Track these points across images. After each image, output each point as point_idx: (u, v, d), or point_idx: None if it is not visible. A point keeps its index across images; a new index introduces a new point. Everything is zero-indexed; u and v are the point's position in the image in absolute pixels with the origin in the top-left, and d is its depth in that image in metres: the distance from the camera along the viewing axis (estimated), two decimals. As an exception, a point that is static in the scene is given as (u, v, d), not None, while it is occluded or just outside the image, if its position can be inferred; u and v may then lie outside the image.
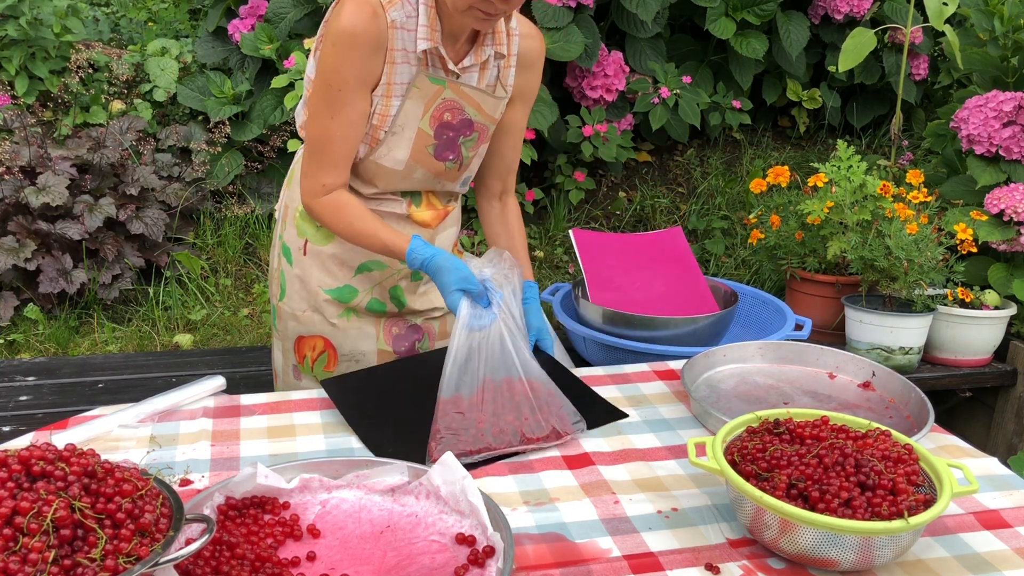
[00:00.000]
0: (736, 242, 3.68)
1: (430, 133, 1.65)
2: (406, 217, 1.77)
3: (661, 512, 1.26)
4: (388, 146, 1.65)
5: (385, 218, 1.74)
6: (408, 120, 1.62)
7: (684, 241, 2.57)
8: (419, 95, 1.60)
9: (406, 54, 1.56)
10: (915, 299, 2.42)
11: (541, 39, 1.73)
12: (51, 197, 3.08)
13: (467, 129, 1.69)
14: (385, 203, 1.74)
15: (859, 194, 2.51)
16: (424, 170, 1.70)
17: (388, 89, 1.59)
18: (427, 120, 1.64)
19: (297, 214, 1.79)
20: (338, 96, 1.56)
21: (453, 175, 1.75)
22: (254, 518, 1.17)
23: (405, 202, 1.75)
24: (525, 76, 1.72)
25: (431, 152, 1.68)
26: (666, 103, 3.67)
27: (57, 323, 3.12)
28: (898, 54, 4.00)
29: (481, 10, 1.47)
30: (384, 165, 1.67)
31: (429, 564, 1.11)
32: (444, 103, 1.63)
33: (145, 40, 4.24)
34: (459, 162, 1.73)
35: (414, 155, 1.67)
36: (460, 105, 1.65)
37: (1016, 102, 2.74)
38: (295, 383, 1.87)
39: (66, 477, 0.95)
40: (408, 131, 1.63)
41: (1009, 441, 2.76)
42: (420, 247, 1.56)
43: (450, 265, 1.49)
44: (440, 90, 1.61)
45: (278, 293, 1.85)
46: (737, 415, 1.32)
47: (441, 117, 1.64)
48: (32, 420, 2.15)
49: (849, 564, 1.10)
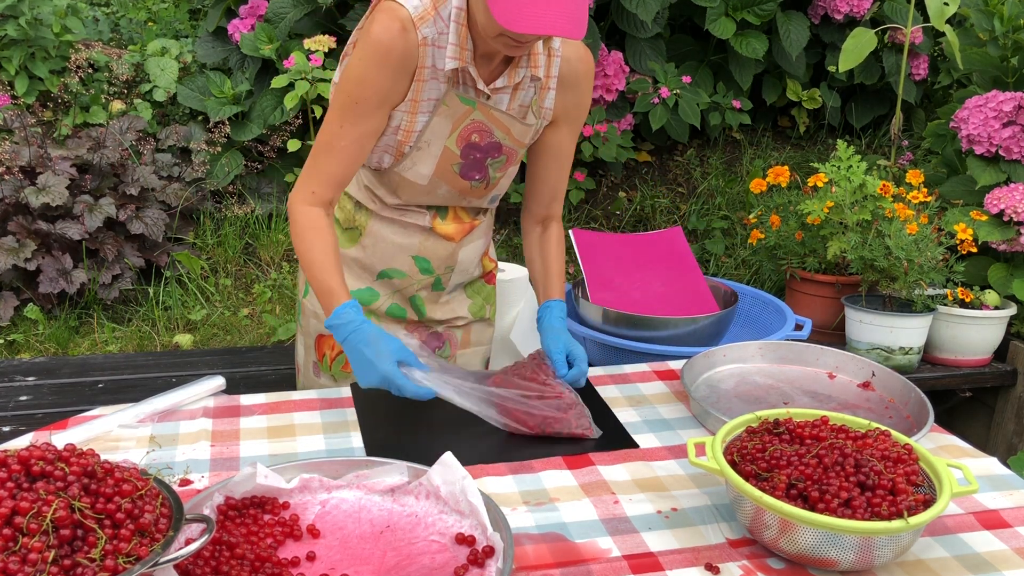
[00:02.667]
0: (736, 242, 3.68)
1: (456, 152, 1.63)
2: (429, 229, 1.75)
3: (661, 512, 1.26)
4: (412, 160, 1.63)
5: (408, 229, 1.74)
6: (435, 137, 1.60)
7: (684, 241, 2.57)
8: (448, 113, 1.57)
9: (435, 71, 1.53)
10: (915, 299, 2.42)
11: (589, 60, 1.66)
12: (51, 197, 3.08)
13: (495, 152, 1.66)
14: (409, 214, 1.73)
15: (859, 194, 2.51)
16: (448, 187, 1.68)
17: (414, 105, 1.56)
18: (454, 139, 1.61)
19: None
20: (354, 108, 1.53)
21: (480, 193, 1.73)
22: (254, 518, 1.17)
23: (429, 215, 1.74)
24: (568, 96, 1.65)
25: (456, 171, 1.66)
26: (666, 103, 3.67)
27: (57, 323, 3.12)
28: (898, 54, 4.00)
29: (511, 38, 1.43)
30: (407, 178, 1.66)
31: (429, 564, 1.11)
32: (472, 124, 1.61)
33: (145, 40, 4.25)
34: (486, 182, 1.70)
35: (438, 172, 1.65)
36: (489, 128, 1.62)
37: (1016, 102, 2.74)
38: (315, 380, 1.87)
39: (66, 477, 0.95)
40: (434, 148, 1.61)
41: (1009, 441, 2.76)
42: (353, 310, 1.49)
43: (385, 336, 1.47)
44: (469, 111, 1.59)
45: (303, 289, 1.85)
46: (737, 415, 1.32)
47: (469, 138, 1.62)
48: (32, 420, 2.15)
49: (849, 564, 1.10)
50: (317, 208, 1.57)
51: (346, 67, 1.55)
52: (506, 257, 3.62)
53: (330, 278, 1.53)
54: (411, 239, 1.75)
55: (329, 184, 1.57)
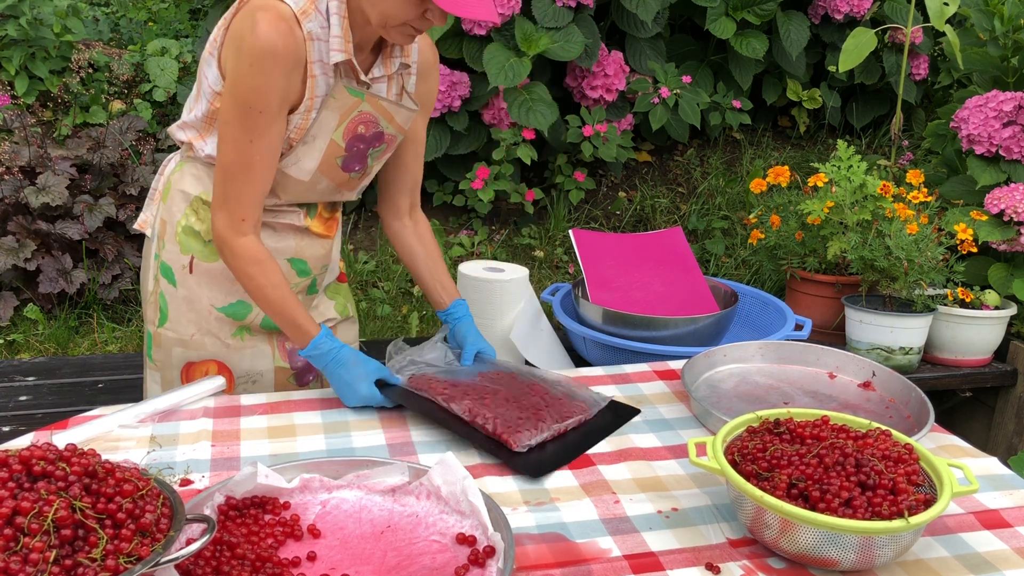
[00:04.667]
0: (736, 242, 3.68)
1: (342, 145, 1.60)
2: (304, 229, 1.71)
3: (661, 512, 1.26)
4: (297, 155, 1.58)
5: (281, 232, 1.69)
6: (321, 131, 1.56)
7: (684, 241, 2.57)
8: (335, 106, 1.54)
9: (323, 66, 1.51)
10: (915, 299, 2.42)
11: (433, 47, 1.71)
12: (51, 197, 3.08)
13: (377, 141, 1.65)
14: (283, 215, 1.69)
15: (859, 194, 2.51)
16: (329, 181, 1.65)
17: (311, 103, 1.53)
18: (340, 132, 1.58)
19: (179, 230, 1.68)
20: (259, 119, 1.47)
21: (353, 184, 1.71)
22: (254, 518, 1.17)
23: (302, 213, 1.70)
24: (424, 84, 1.70)
25: (339, 164, 1.63)
26: (666, 103, 3.67)
27: (57, 323, 3.12)
28: (898, 54, 4.00)
29: (414, 27, 1.45)
30: (289, 174, 1.60)
31: (430, 564, 1.11)
32: (360, 116, 1.58)
33: (145, 40, 4.25)
34: (363, 172, 1.69)
35: (322, 166, 1.61)
36: (375, 118, 1.61)
37: (1016, 102, 2.74)
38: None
39: (67, 477, 0.95)
40: (320, 142, 1.58)
41: (1009, 441, 2.76)
42: (328, 339, 1.53)
43: (360, 358, 1.52)
44: (358, 103, 1.56)
45: (156, 319, 1.73)
46: (737, 415, 1.32)
47: (355, 130, 1.60)
48: (32, 420, 2.15)
49: (849, 564, 1.10)
50: (250, 236, 1.55)
51: (237, 78, 1.47)
52: (506, 257, 3.62)
53: (293, 312, 1.55)
54: (285, 242, 1.70)
55: (255, 206, 1.55)
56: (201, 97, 1.62)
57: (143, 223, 1.79)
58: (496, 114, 3.53)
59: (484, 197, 3.51)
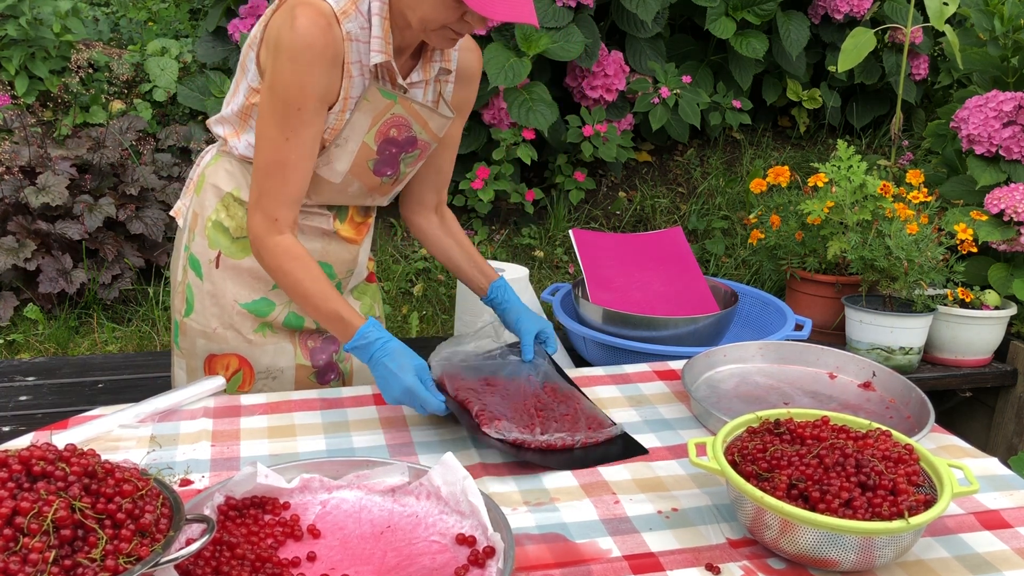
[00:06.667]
0: (736, 242, 3.68)
1: (373, 148, 1.59)
2: (332, 233, 1.71)
3: (661, 512, 1.26)
4: (329, 156, 1.58)
5: (309, 234, 1.68)
6: (353, 133, 1.56)
7: (684, 241, 2.57)
8: (368, 108, 1.54)
9: (361, 67, 1.51)
10: (915, 299, 2.42)
11: (479, 52, 1.69)
12: (51, 197, 3.08)
13: (410, 146, 1.64)
14: (312, 217, 1.68)
15: (859, 194, 2.51)
16: (360, 184, 1.64)
17: (345, 104, 1.52)
18: (372, 134, 1.57)
19: (209, 224, 1.69)
20: (296, 116, 1.47)
21: (386, 189, 1.70)
22: (254, 518, 1.17)
23: (331, 216, 1.70)
24: (464, 90, 1.69)
25: (371, 167, 1.62)
26: (666, 103, 3.67)
27: (57, 323, 3.12)
28: (898, 54, 4.00)
29: (454, 30, 1.44)
30: (321, 176, 1.60)
31: (429, 564, 1.11)
32: (392, 119, 1.58)
33: (145, 40, 4.25)
34: (395, 177, 1.68)
35: (353, 169, 1.61)
36: (408, 122, 1.60)
37: (1016, 102, 2.74)
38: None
39: (66, 477, 0.95)
40: (352, 144, 1.57)
41: (1009, 441, 2.76)
42: (375, 328, 1.48)
43: (409, 352, 1.48)
44: (391, 105, 1.55)
45: (183, 308, 1.74)
46: (737, 415, 1.32)
47: (387, 133, 1.59)
48: (32, 420, 2.15)
49: (850, 564, 1.10)
50: (286, 235, 1.54)
51: (275, 74, 1.47)
52: (506, 257, 3.62)
53: (335, 304, 1.51)
54: (311, 244, 1.69)
55: (291, 204, 1.53)
56: (238, 92, 1.63)
57: (177, 211, 1.81)
58: (496, 114, 3.53)
59: (484, 197, 3.51)
